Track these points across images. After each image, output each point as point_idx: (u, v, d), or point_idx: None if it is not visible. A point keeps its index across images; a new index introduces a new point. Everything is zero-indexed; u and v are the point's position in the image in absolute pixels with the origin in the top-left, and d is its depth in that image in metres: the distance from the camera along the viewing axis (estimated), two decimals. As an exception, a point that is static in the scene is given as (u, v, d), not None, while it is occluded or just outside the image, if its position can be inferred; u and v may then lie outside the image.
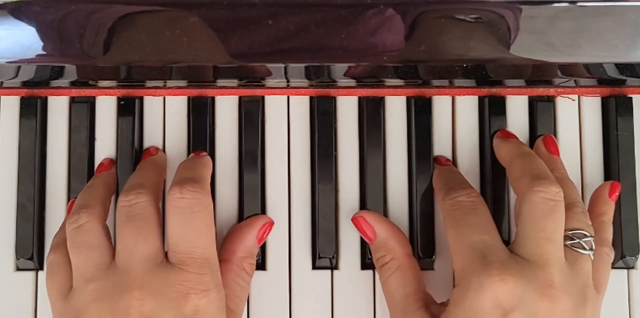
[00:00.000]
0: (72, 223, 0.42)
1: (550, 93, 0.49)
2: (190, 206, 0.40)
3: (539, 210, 0.41)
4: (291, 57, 0.42)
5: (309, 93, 0.48)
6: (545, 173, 0.42)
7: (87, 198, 0.44)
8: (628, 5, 0.41)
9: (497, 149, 0.47)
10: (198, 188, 0.41)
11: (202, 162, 0.45)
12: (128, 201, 0.41)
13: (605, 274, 0.44)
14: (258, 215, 0.46)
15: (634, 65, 0.43)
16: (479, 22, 0.41)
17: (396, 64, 0.42)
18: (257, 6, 0.40)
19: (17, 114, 0.48)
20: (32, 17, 0.40)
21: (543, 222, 0.41)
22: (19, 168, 0.47)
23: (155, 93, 0.48)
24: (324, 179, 0.47)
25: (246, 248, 0.45)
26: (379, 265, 0.45)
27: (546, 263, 0.40)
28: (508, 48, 0.42)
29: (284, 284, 0.47)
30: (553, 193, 0.41)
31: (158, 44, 0.41)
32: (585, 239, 0.42)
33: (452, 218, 0.43)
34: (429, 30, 0.41)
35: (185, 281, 0.39)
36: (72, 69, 0.43)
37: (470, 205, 0.43)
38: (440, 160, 0.48)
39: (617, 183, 0.47)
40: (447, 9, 0.41)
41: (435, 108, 0.48)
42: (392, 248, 0.45)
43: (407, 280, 0.44)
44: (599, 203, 0.46)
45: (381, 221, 0.45)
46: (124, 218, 0.41)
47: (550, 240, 0.41)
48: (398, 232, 0.45)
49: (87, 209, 0.42)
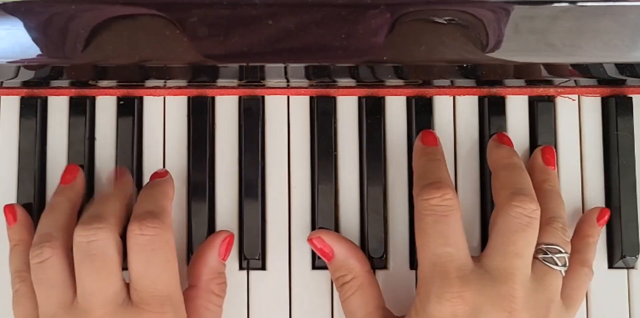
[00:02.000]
0: (35, 257, 0.41)
1: (550, 93, 0.49)
2: (150, 243, 0.40)
3: (513, 224, 0.41)
4: (291, 57, 0.42)
5: (309, 93, 0.48)
6: (527, 190, 0.43)
7: (50, 225, 0.42)
8: (628, 5, 0.41)
9: (488, 153, 0.47)
10: (158, 224, 0.40)
11: (162, 191, 0.44)
12: (86, 237, 0.40)
13: (580, 293, 0.44)
14: (217, 232, 0.46)
15: (634, 65, 0.43)
16: (477, 23, 0.41)
17: (396, 64, 0.42)
18: (256, 6, 0.40)
19: (17, 114, 0.48)
20: (32, 17, 0.40)
21: (515, 237, 0.41)
22: (19, 169, 0.47)
23: (155, 93, 0.48)
24: (324, 179, 0.47)
25: (211, 269, 0.44)
26: (339, 284, 0.44)
27: (510, 278, 0.40)
28: (509, 48, 0.42)
29: (284, 284, 0.47)
30: (530, 211, 0.41)
31: (159, 44, 0.41)
32: (559, 255, 0.42)
33: (421, 223, 0.42)
34: (428, 30, 0.41)
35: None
36: (72, 68, 0.43)
37: (442, 211, 0.41)
38: (425, 139, 0.46)
39: (607, 210, 0.47)
40: (445, 9, 0.41)
41: (436, 108, 0.48)
42: (352, 267, 0.44)
43: (368, 299, 0.44)
44: (586, 226, 0.47)
45: (339, 240, 0.45)
46: (81, 256, 0.40)
47: (518, 255, 0.41)
48: (356, 250, 0.45)
49: (50, 242, 0.41)
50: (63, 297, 0.40)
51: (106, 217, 0.41)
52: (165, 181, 0.45)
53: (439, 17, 0.41)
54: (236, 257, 0.47)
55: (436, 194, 0.41)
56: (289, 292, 0.47)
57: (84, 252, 0.40)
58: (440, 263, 0.40)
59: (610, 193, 0.48)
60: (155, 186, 0.45)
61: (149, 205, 0.42)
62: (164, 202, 0.43)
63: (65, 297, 0.40)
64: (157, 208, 0.42)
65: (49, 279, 0.41)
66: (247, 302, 0.47)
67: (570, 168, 0.48)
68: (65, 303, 0.40)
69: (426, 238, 0.41)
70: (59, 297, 0.40)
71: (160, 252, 0.40)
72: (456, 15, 0.41)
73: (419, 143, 0.46)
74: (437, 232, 0.41)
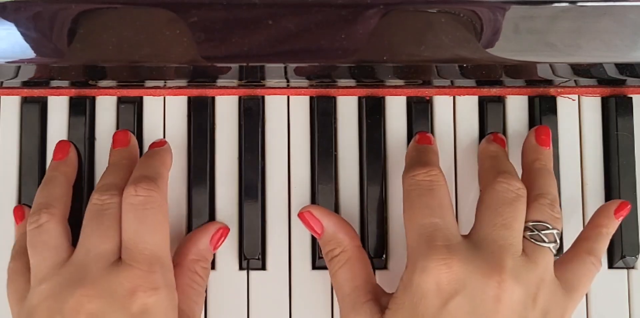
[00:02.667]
0: (32, 223, 0.42)
1: (550, 93, 0.49)
2: (143, 203, 0.41)
3: (500, 198, 0.41)
4: (291, 57, 0.42)
5: (309, 93, 0.48)
6: (511, 172, 0.43)
7: (46, 196, 0.44)
8: (628, 5, 0.41)
9: (479, 148, 0.47)
10: (153, 187, 0.41)
11: (159, 158, 0.45)
12: (101, 200, 0.41)
13: (583, 281, 0.43)
14: (212, 222, 0.46)
15: (634, 65, 0.43)
16: (478, 23, 0.41)
17: (395, 64, 0.42)
18: (256, 6, 0.40)
19: (17, 114, 0.48)
20: (32, 17, 0.40)
21: (501, 208, 0.41)
22: (20, 169, 0.47)
23: (155, 93, 0.48)
24: (324, 179, 0.47)
25: (198, 251, 0.44)
26: (328, 258, 0.44)
27: (499, 249, 0.40)
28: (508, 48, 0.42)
29: (284, 284, 0.47)
30: (515, 188, 0.42)
31: (157, 44, 0.41)
32: (546, 231, 0.41)
33: (408, 198, 0.42)
34: (428, 30, 0.41)
35: (134, 278, 0.39)
36: (72, 69, 0.43)
37: (427, 185, 0.42)
38: (421, 139, 0.46)
39: (627, 203, 0.46)
40: (445, 9, 0.41)
41: (436, 108, 0.48)
42: (341, 241, 0.44)
43: (356, 273, 0.43)
44: (601, 216, 0.45)
45: (328, 214, 0.45)
46: (92, 215, 0.41)
47: (505, 226, 0.40)
48: (346, 225, 0.45)
49: (48, 209, 0.42)
50: (57, 259, 0.41)
51: (119, 185, 0.42)
52: (163, 150, 0.46)
53: (439, 17, 0.41)
54: (236, 257, 0.47)
55: (421, 170, 0.42)
56: (289, 292, 0.47)
57: (96, 211, 0.41)
58: (426, 233, 0.40)
59: (610, 193, 0.48)
60: (154, 154, 0.45)
61: (145, 171, 0.43)
62: (160, 168, 0.44)
63: (59, 260, 0.41)
64: (153, 174, 0.43)
65: (44, 242, 0.41)
66: (247, 302, 0.47)
67: (570, 168, 0.48)
68: (58, 265, 0.41)
69: (412, 211, 0.41)
70: (53, 259, 0.41)
71: (152, 212, 0.41)
72: (456, 15, 0.41)
73: (413, 143, 0.47)
74: (422, 204, 0.41)
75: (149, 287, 0.39)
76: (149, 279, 0.39)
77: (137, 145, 0.47)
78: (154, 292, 0.39)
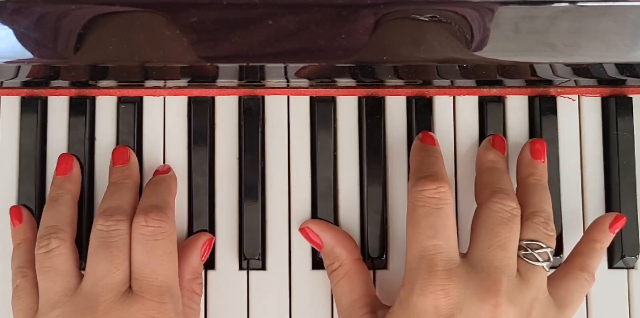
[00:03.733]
0: (42, 247, 0.42)
1: (550, 93, 0.49)
2: (154, 234, 0.41)
3: (495, 218, 0.42)
4: (291, 57, 0.42)
5: (309, 93, 0.48)
6: (507, 190, 0.43)
7: (55, 218, 0.44)
8: (628, 5, 0.41)
9: (478, 154, 0.47)
10: (162, 217, 0.42)
11: (166, 187, 0.45)
12: (107, 227, 0.42)
13: (576, 297, 0.43)
14: (198, 233, 0.46)
15: (634, 65, 0.43)
16: (477, 23, 0.41)
17: (395, 64, 0.42)
18: (256, 6, 0.40)
19: (17, 114, 0.48)
20: (32, 17, 0.40)
21: (497, 229, 0.41)
22: (19, 169, 0.47)
23: (155, 93, 0.48)
24: (325, 179, 0.47)
25: (193, 269, 0.45)
26: (329, 271, 0.45)
27: (495, 270, 0.40)
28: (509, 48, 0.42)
29: (284, 284, 0.47)
30: (510, 208, 0.42)
31: (158, 44, 0.41)
32: (540, 251, 0.42)
33: (413, 215, 0.42)
34: (428, 30, 0.41)
35: (147, 309, 0.40)
36: (71, 69, 0.43)
37: (435, 204, 0.41)
38: (425, 138, 0.46)
39: (622, 216, 0.46)
40: (445, 9, 0.41)
41: (436, 108, 0.48)
42: (339, 255, 0.45)
43: (354, 286, 0.44)
44: (595, 230, 0.46)
45: (326, 229, 0.46)
46: (98, 242, 0.41)
47: (501, 247, 0.41)
48: (344, 238, 0.46)
49: (57, 233, 0.42)
50: (67, 285, 0.41)
51: (125, 209, 0.43)
52: (169, 177, 0.46)
53: (439, 17, 0.41)
54: (236, 257, 0.47)
55: (431, 186, 0.42)
56: (289, 292, 0.47)
57: (103, 239, 0.41)
58: (427, 255, 0.40)
59: (610, 193, 0.48)
60: (160, 182, 0.46)
61: (154, 200, 0.43)
62: (167, 197, 0.45)
63: (69, 285, 0.41)
64: (161, 202, 0.43)
65: (54, 268, 0.41)
66: (247, 302, 0.47)
67: (570, 168, 0.48)
68: (69, 291, 0.41)
69: (416, 229, 0.41)
70: (63, 284, 0.41)
71: (162, 243, 0.41)
72: (456, 15, 0.41)
73: (417, 142, 0.46)
74: (428, 224, 0.41)
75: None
76: (160, 310, 0.40)
77: (137, 162, 0.47)
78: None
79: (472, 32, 0.41)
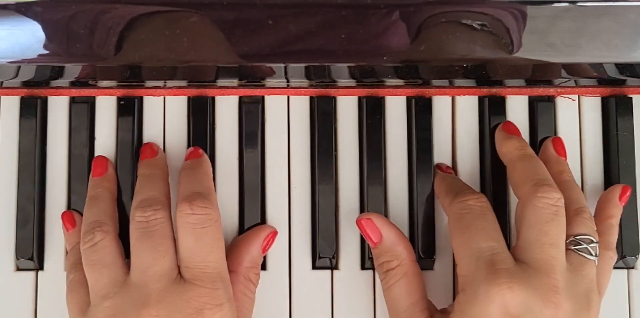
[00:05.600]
0: (87, 242, 0.42)
1: (550, 93, 0.49)
2: (201, 222, 0.41)
3: (543, 215, 0.41)
4: (291, 57, 0.42)
5: (309, 93, 0.48)
6: (548, 180, 0.43)
7: (98, 213, 0.44)
8: (628, 5, 0.41)
9: (498, 145, 0.47)
10: (207, 204, 0.42)
11: (203, 171, 0.45)
12: (145, 217, 0.42)
13: (607, 277, 0.45)
14: (262, 225, 0.46)
15: (634, 65, 0.43)
16: (479, 23, 0.41)
17: (396, 64, 0.42)
18: (257, 6, 0.40)
19: (17, 114, 0.48)
20: (32, 17, 0.40)
21: (547, 227, 0.41)
22: (19, 168, 0.47)
23: (155, 93, 0.48)
24: (324, 179, 0.47)
25: (252, 258, 0.45)
26: (384, 270, 0.44)
27: (551, 269, 0.40)
28: (509, 48, 0.42)
29: (284, 284, 0.47)
30: (555, 200, 0.42)
31: (159, 44, 0.41)
32: (592, 245, 0.42)
33: (461, 222, 0.42)
34: (428, 30, 0.41)
35: (200, 296, 0.40)
36: (72, 68, 0.43)
37: (480, 210, 0.42)
38: (442, 168, 0.48)
39: (628, 186, 0.47)
40: (445, 10, 0.41)
41: (436, 108, 0.48)
42: (399, 254, 0.44)
43: (413, 288, 0.43)
44: (608, 206, 0.46)
45: (389, 225, 0.45)
46: (140, 233, 0.41)
47: (553, 245, 0.41)
48: (405, 238, 0.45)
49: (101, 227, 0.43)
50: (115, 276, 0.41)
51: (160, 198, 0.43)
52: (202, 160, 0.46)
53: (439, 17, 0.41)
54: (236, 257, 0.47)
55: (473, 196, 0.43)
56: (289, 292, 0.47)
57: (144, 229, 0.41)
58: (484, 256, 0.40)
59: (610, 194, 0.48)
60: (196, 166, 0.45)
61: (195, 186, 0.43)
62: (207, 182, 0.44)
63: (117, 276, 0.41)
64: (204, 188, 0.43)
65: (101, 260, 0.42)
66: (247, 302, 0.47)
67: (571, 168, 0.48)
68: (118, 281, 0.41)
69: (467, 234, 0.41)
70: (111, 276, 0.41)
71: (210, 230, 0.41)
72: (456, 15, 0.41)
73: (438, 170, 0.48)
74: (479, 227, 0.41)
75: (215, 304, 0.40)
76: (213, 296, 0.40)
77: (164, 156, 0.47)
78: (219, 308, 0.40)
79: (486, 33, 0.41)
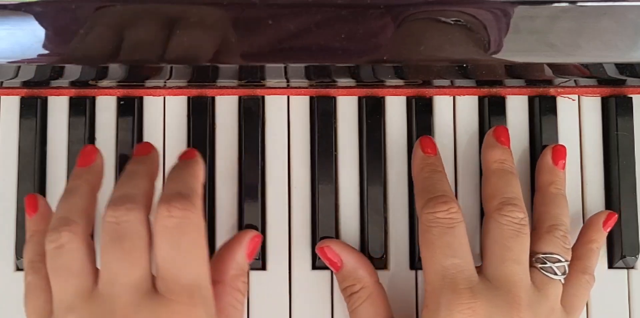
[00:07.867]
0: (52, 242, 0.37)
1: (550, 93, 0.49)
2: (179, 226, 0.36)
3: (505, 231, 0.42)
4: (291, 57, 0.42)
5: (309, 93, 0.48)
6: (515, 199, 0.43)
7: (69, 209, 0.39)
8: (628, 5, 0.41)
9: (483, 151, 0.47)
10: (188, 206, 0.36)
11: (192, 172, 0.40)
12: (116, 218, 0.36)
13: (581, 300, 0.44)
14: (244, 230, 0.45)
15: (634, 65, 0.43)
16: (477, 23, 0.41)
17: (396, 64, 0.42)
18: (257, 6, 0.40)
19: (17, 114, 0.48)
20: (32, 17, 0.40)
21: (510, 243, 0.41)
22: (19, 169, 0.47)
23: (155, 93, 0.48)
24: (324, 179, 0.47)
25: (238, 265, 0.41)
26: (348, 293, 0.44)
27: (513, 285, 0.41)
28: (509, 48, 0.42)
29: (284, 284, 0.47)
30: (519, 220, 0.42)
31: (159, 45, 0.41)
32: (558, 264, 0.42)
33: (427, 236, 0.42)
34: (427, 30, 0.41)
35: (174, 314, 0.35)
36: (72, 68, 0.43)
37: (448, 223, 0.41)
38: (425, 147, 0.45)
39: (613, 214, 0.47)
40: (444, 10, 0.41)
41: (436, 108, 0.48)
42: (362, 278, 0.44)
43: (377, 309, 0.43)
44: (591, 231, 0.46)
45: (348, 250, 0.45)
46: (110, 237, 0.36)
47: (516, 261, 0.41)
48: (365, 260, 0.45)
49: (69, 226, 0.37)
50: (82, 285, 0.37)
51: (137, 197, 0.38)
52: (194, 162, 0.41)
53: (439, 18, 0.41)
54: (236, 257, 0.47)
55: (442, 208, 0.42)
56: (289, 292, 0.47)
57: (113, 232, 0.36)
58: (449, 274, 0.40)
59: (610, 194, 0.48)
60: (184, 167, 0.40)
61: (178, 186, 0.38)
62: (194, 183, 0.39)
63: (84, 286, 0.37)
64: (187, 189, 0.38)
65: (66, 266, 0.37)
66: (247, 302, 0.47)
67: (570, 168, 0.48)
68: (84, 292, 0.36)
69: (432, 249, 0.41)
70: (78, 285, 0.36)
71: (189, 237, 0.36)
72: (455, 15, 0.41)
73: (419, 151, 0.46)
74: (444, 244, 0.41)
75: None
76: (189, 314, 0.35)
77: (157, 156, 0.43)
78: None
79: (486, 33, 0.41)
